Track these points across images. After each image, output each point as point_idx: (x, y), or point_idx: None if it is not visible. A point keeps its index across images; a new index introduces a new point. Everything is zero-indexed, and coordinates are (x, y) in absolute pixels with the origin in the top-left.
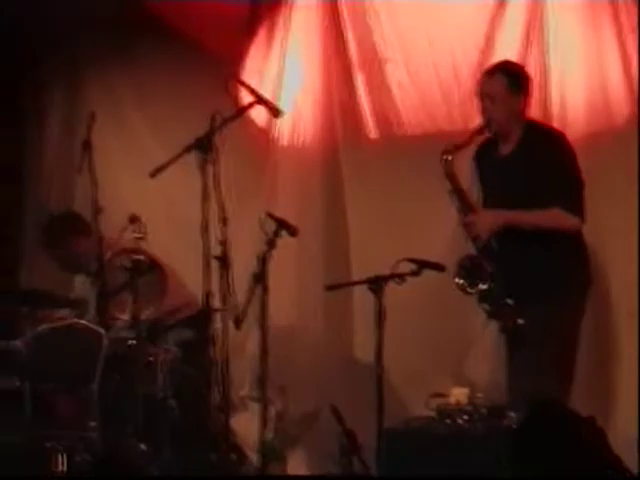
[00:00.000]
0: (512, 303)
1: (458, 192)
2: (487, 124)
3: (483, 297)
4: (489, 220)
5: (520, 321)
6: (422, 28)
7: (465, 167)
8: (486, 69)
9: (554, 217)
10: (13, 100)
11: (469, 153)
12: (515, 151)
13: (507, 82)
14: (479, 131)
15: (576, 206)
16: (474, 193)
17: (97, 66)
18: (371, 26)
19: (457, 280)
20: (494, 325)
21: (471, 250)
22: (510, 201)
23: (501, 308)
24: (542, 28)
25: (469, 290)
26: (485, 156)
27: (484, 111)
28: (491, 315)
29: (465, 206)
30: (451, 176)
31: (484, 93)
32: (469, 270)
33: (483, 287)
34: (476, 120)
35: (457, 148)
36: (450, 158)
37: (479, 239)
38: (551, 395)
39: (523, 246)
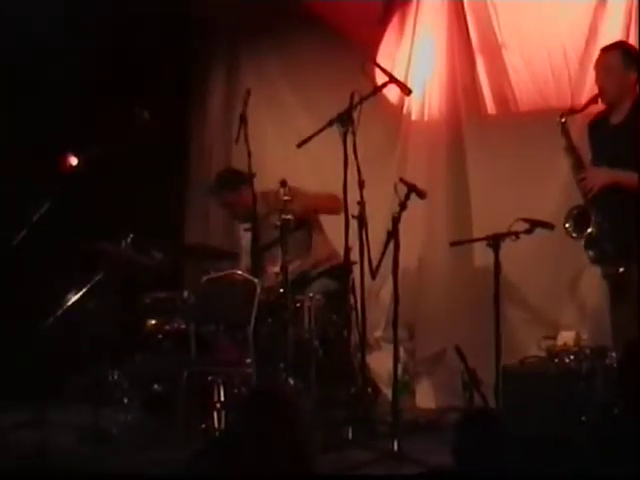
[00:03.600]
0: (614, 252)
1: (571, 150)
2: (601, 94)
3: (588, 244)
4: (601, 176)
5: (621, 269)
6: (535, 18)
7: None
8: (604, 46)
9: None
10: (182, 84)
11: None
12: (625, 120)
13: (622, 57)
14: (593, 99)
15: None
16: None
17: (253, 52)
18: (490, 16)
19: (566, 225)
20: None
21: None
22: (617, 165)
23: (604, 256)
24: (638, 20)
25: (575, 235)
26: (598, 124)
27: (599, 82)
28: (595, 261)
29: (577, 163)
30: (566, 135)
31: (601, 66)
32: (577, 217)
33: (587, 232)
34: (583, 98)
35: (572, 112)
36: (564, 120)
37: (589, 193)
38: None
39: (627, 205)
